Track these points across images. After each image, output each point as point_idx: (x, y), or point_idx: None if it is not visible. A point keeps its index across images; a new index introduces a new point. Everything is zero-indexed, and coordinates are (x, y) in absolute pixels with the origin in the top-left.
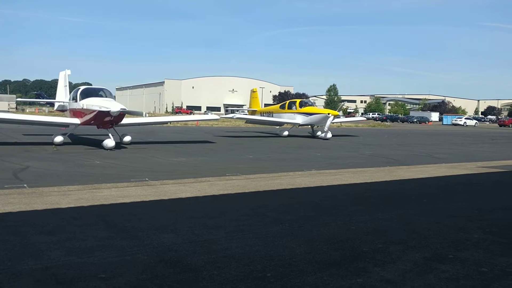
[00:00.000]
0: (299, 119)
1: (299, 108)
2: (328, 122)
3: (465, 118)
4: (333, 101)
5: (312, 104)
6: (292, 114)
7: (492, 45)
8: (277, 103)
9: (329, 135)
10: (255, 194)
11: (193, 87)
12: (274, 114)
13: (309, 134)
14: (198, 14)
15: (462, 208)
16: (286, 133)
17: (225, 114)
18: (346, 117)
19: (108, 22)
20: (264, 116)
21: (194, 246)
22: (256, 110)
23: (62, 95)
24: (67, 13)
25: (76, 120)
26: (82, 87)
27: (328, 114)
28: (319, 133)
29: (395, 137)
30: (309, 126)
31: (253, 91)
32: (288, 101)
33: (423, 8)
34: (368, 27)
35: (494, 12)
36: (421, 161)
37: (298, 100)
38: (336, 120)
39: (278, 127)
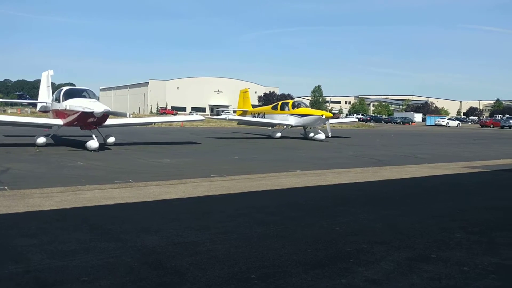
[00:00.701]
0: (292, 120)
1: (292, 109)
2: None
3: (448, 119)
4: (318, 101)
5: (305, 105)
6: (285, 115)
7: (474, 47)
8: (263, 104)
9: (323, 136)
10: (240, 195)
11: (178, 88)
12: (266, 115)
13: (302, 135)
14: (183, 14)
15: (445, 208)
16: (278, 134)
17: (211, 115)
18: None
19: (92, 22)
20: (255, 117)
21: (178, 248)
22: (247, 111)
23: (45, 96)
24: (50, 12)
25: (59, 121)
26: (65, 88)
27: (322, 115)
28: (311, 134)
29: (379, 138)
30: (302, 128)
31: (244, 91)
32: (280, 102)
33: (406, 9)
34: (353, 28)
35: (476, 14)
36: (405, 162)
37: (291, 101)
38: (331, 121)
39: (270, 128)
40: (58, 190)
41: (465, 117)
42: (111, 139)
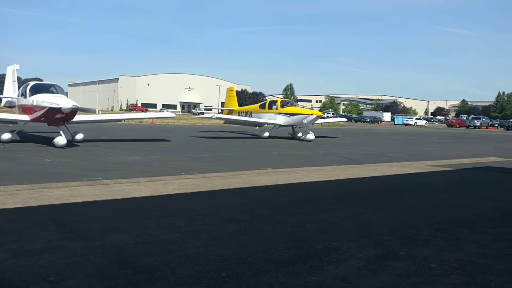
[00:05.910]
0: (280, 120)
1: (280, 108)
2: (309, 121)
3: (416, 118)
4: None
5: (294, 104)
6: (273, 115)
7: (441, 49)
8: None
9: (312, 136)
10: (211, 193)
11: (148, 84)
12: (253, 114)
13: (290, 135)
14: (153, 9)
15: (413, 205)
16: (266, 134)
17: (182, 112)
18: None
19: (61, 15)
20: (242, 116)
21: (148, 247)
22: (233, 110)
23: (10, 91)
24: (16, 4)
25: (25, 117)
26: (32, 83)
27: (311, 114)
28: (300, 134)
29: (349, 137)
30: (290, 127)
31: (230, 89)
32: (268, 101)
33: (376, 11)
34: (325, 27)
35: (445, 16)
36: (374, 160)
37: (279, 100)
38: (319, 120)
39: (257, 127)
40: (24, 187)
41: (432, 116)
42: (79, 136)
